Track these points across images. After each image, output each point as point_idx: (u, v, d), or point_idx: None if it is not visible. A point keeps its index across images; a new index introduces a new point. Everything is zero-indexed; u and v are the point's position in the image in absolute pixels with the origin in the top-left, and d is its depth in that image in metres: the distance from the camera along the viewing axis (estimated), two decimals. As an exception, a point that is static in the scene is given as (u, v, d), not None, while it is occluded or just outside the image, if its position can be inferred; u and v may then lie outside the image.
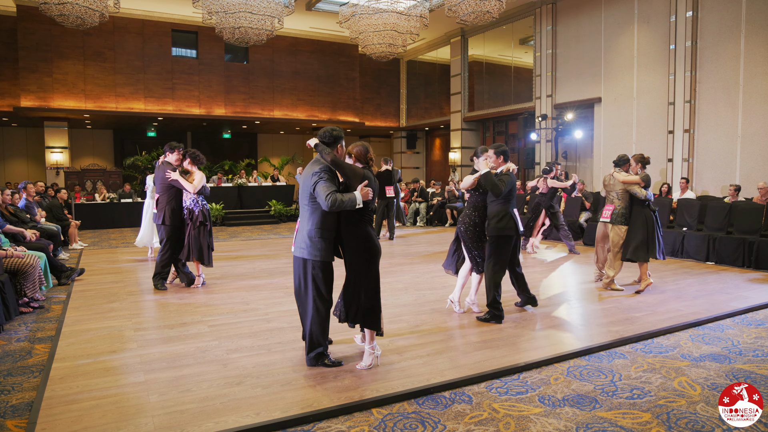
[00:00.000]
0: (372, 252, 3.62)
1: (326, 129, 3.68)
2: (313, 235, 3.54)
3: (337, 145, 3.66)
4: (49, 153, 16.23)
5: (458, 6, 10.46)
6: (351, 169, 3.55)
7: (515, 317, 4.97)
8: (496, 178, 4.77)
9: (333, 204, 3.34)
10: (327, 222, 3.55)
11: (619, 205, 6.09)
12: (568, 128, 13.54)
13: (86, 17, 9.93)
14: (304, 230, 3.59)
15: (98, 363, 3.81)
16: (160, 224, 6.12)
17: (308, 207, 3.57)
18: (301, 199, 3.64)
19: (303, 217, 3.63)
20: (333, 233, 3.60)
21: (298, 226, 3.68)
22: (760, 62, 9.89)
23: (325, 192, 3.37)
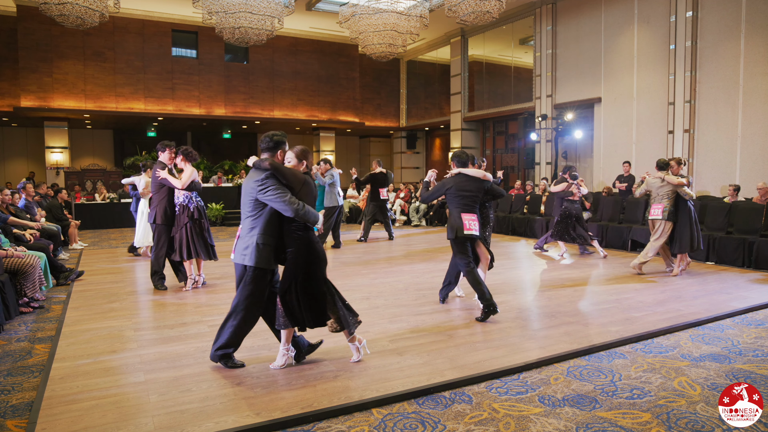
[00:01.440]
0: (317, 258, 3.60)
1: (268, 134, 3.64)
2: (257, 243, 3.50)
3: (278, 150, 3.61)
4: (49, 153, 16.24)
5: (458, 6, 10.46)
6: (291, 173, 3.51)
7: (515, 317, 4.97)
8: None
9: (299, 210, 3.37)
10: (271, 229, 3.53)
11: (668, 204, 6.87)
12: (568, 128, 13.54)
13: (86, 17, 9.94)
14: (246, 237, 3.55)
15: (98, 363, 3.81)
16: (152, 223, 6.12)
17: (251, 214, 3.54)
18: (243, 207, 3.60)
19: (245, 224, 3.59)
20: (276, 240, 3.57)
21: (239, 233, 3.63)
22: (760, 62, 9.89)
23: (283, 197, 3.38)
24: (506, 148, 17.53)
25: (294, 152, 3.65)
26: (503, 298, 5.70)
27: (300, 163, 3.67)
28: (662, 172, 6.91)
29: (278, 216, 3.54)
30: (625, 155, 12.23)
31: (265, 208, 3.51)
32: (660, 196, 6.93)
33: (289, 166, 3.61)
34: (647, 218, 7.24)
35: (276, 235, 3.57)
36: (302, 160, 3.67)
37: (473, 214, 5.02)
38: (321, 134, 20.31)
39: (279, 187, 3.42)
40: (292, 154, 3.65)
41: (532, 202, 11.69)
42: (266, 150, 3.60)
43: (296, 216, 3.41)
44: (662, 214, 6.87)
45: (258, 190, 3.44)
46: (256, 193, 3.45)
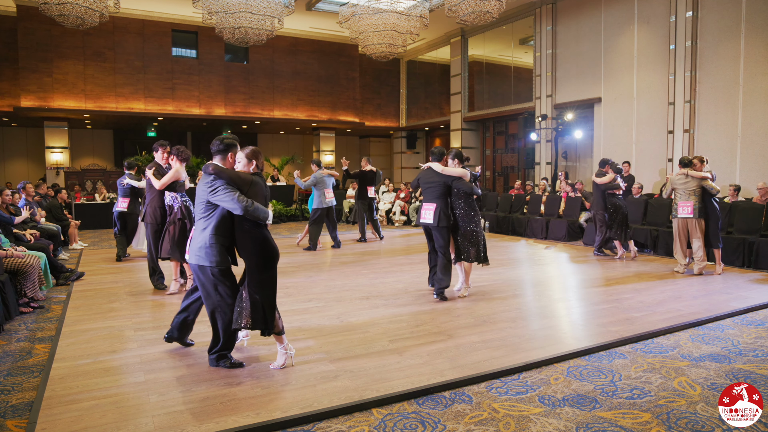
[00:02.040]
0: (270, 255, 3.63)
1: (218, 137, 3.74)
2: (210, 242, 3.58)
3: (229, 152, 3.70)
4: (49, 153, 16.23)
5: (458, 6, 10.46)
6: (236, 175, 3.57)
7: (515, 317, 4.97)
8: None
9: (248, 208, 3.45)
10: (222, 229, 3.61)
11: (696, 201, 6.90)
12: (568, 128, 13.54)
13: (86, 17, 9.93)
14: (199, 237, 3.63)
15: (98, 363, 3.81)
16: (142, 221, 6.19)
17: (203, 215, 3.63)
18: (197, 209, 3.69)
19: (198, 225, 3.68)
20: (228, 240, 3.65)
21: (193, 233, 3.70)
22: (760, 62, 9.89)
23: (233, 196, 3.46)
24: (506, 148, 17.53)
25: (244, 153, 3.73)
26: (503, 298, 5.71)
27: (250, 163, 3.74)
28: (685, 169, 6.96)
29: (230, 216, 3.62)
30: (625, 155, 12.23)
31: (216, 209, 3.60)
32: (686, 194, 6.93)
33: (239, 167, 3.72)
34: (674, 217, 7.09)
35: (228, 235, 3.65)
36: (252, 160, 3.74)
37: (432, 203, 5.61)
38: (321, 134, 20.31)
39: (228, 187, 3.50)
40: (243, 155, 3.73)
41: (532, 202, 11.68)
42: (217, 153, 3.70)
43: (245, 213, 3.48)
44: (694, 212, 6.88)
45: (208, 192, 3.53)
46: (207, 195, 3.54)
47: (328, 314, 5.08)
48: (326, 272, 7.42)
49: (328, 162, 20.22)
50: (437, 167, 5.65)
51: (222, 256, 3.60)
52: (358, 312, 5.17)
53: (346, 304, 5.47)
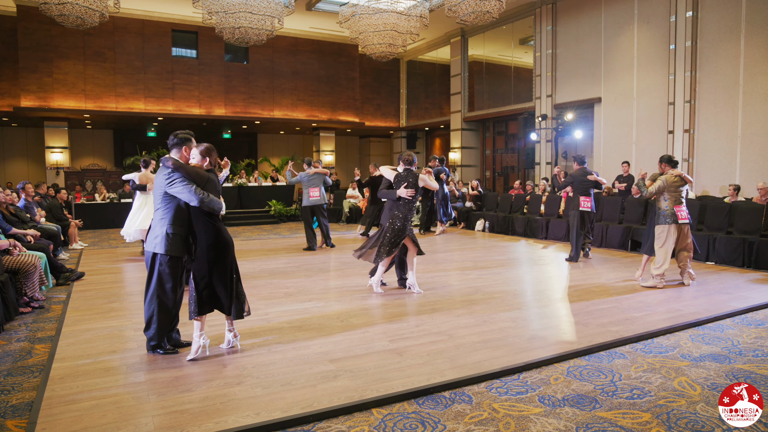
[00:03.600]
0: (224, 244, 3.82)
1: (174, 132, 3.91)
2: (166, 232, 3.77)
3: (183, 146, 3.87)
4: (49, 153, 16.23)
5: (458, 6, 10.46)
6: (194, 171, 3.75)
7: (515, 317, 4.97)
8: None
9: (204, 199, 3.66)
10: (180, 219, 3.81)
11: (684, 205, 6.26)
12: (568, 128, 13.54)
13: (86, 17, 9.93)
14: (157, 227, 3.81)
15: (98, 363, 3.81)
16: None
17: (161, 205, 3.81)
18: (155, 200, 3.87)
19: (156, 215, 3.86)
20: (185, 230, 3.84)
21: (152, 223, 3.90)
22: (760, 62, 9.89)
23: (189, 189, 3.66)
24: (506, 148, 17.53)
25: (198, 150, 3.91)
26: (503, 298, 5.71)
27: (203, 160, 3.91)
28: (674, 170, 6.24)
29: (187, 207, 3.81)
30: (625, 155, 12.23)
31: (173, 200, 3.78)
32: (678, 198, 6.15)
33: (193, 162, 3.89)
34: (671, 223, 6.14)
35: (185, 225, 3.84)
36: (205, 157, 3.93)
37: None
38: (321, 134, 20.31)
39: (184, 179, 3.69)
40: (197, 152, 3.91)
41: (532, 202, 11.68)
42: (173, 147, 3.87)
43: (201, 204, 3.68)
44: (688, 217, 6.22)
45: (166, 184, 3.72)
46: (165, 186, 3.73)
47: (328, 314, 5.08)
48: (326, 272, 7.42)
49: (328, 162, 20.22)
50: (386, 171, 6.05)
51: (176, 245, 3.79)
52: (358, 312, 5.17)
53: (346, 304, 5.47)
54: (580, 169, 8.06)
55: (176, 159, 3.78)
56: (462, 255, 8.89)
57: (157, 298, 3.82)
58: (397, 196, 5.71)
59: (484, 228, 12.35)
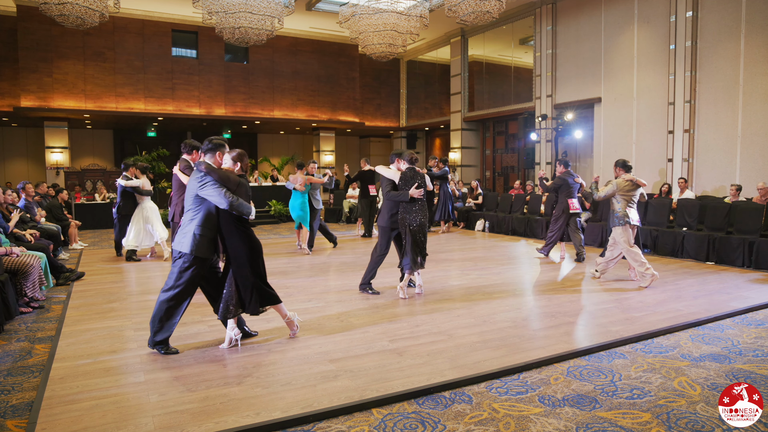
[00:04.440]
0: (254, 246, 4.00)
1: (208, 138, 4.07)
2: (194, 233, 3.88)
3: (217, 151, 4.03)
4: (49, 153, 16.23)
5: (458, 6, 10.46)
6: (225, 175, 3.90)
7: (515, 317, 4.97)
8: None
9: (233, 203, 3.80)
10: (209, 222, 3.93)
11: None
12: (568, 128, 13.54)
13: (86, 17, 9.93)
14: (186, 227, 3.93)
15: (98, 363, 3.81)
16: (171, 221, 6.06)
17: (192, 207, 3.94)
18: (186, 202, 4.00)
19: (186, 216, 3.98)
20: (213, 233, 3.97)
21: (181, 223, 4.00)
22: (760, 62, 9.89)
23: (220, 192, 3.80)
24: (506, 148, 17.52)
25: (230, 155, 4.07)
26: (503, 298, 5.71)
27: (235, 165, 4.07)
28: (629, 175, 6.46)
29: (217, 211, 3.94)
30: (625, 155, 12.22)
31: (204, 203, 3.91)
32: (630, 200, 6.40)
33: (225, 167, 4.04)
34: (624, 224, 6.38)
35: (213, 228, 3.97)
36: (237, 162, 4.08)
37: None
38: (321, 134, 20.31)
39: (216, 183, 3.84)
40: (229, 157, 4.07)
41: (532, 202, 11.68)
42: (207, 152, 4.03)
43: (231, 207, 3.81)
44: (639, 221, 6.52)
45: (198, 187, 3.86)
46: (197, 189, 3.87)
47: (328, 314, 5.08)
48: (326, 272, 7.42)
49: (328, 162, 20.23)
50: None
51: (203, 247, 3.89)
52: (358, 312, 5.17)
53: (346, 304, 5.47)
54: (566, 171, 8.18)
55: (209, 163, 3.93)
56: (462, 255, 8.89)
57: (175, 296, 3.91)
58: (410, 196, 5.57)
59: (484, 228, 12.35)
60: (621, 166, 6.56)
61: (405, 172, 5.71)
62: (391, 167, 5.89)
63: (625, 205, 6.41)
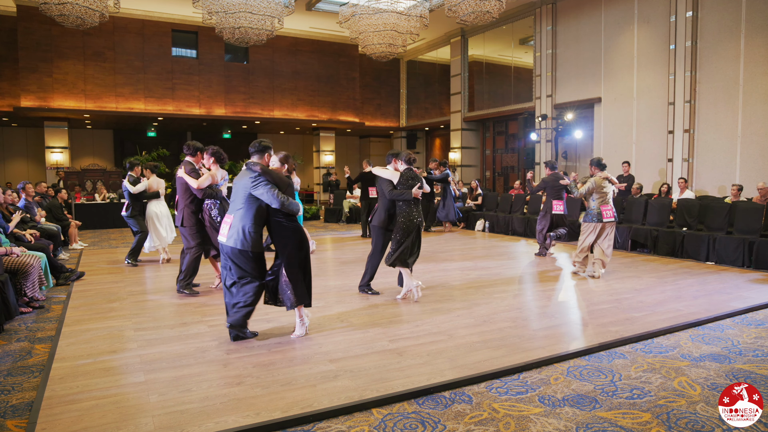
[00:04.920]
0: (303, 240, 4.22)
1: (256, 141, 4.26)
2: (250, 230, 4.09)
3: (265, 153, 4.23)
4: (49, 153, 16.24)
5: (458, 6, 10.46)
6: (278, 176, 4.14)
7: (515, 317, 4.97)
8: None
9: (284, 202, 4.01)
10: (260, 219, 4.15)
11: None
12: (568, 128, 13.54)
13: (86, 17, 9.93)
14: (238, 224, 4.11)
15: (98, 363, 3.81)
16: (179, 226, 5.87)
17: (244, 205, 4.11)
18: (237, 200, 4.17)
19: (237, 214, 4.14)
20: (261, 229, 4.19)
21: (232, 221, 4.15)
22: (760, 62, 9.89)
23: (272, 192, 4.01)
24: (506, 148, 17.53)
25: (278, 157, 4.30)
26: (503, 298, 5.71)
27: (282, 167, 4.30)
28: (604, 173, 6.81)
29: (267, 209, 4.13)
30: (625, 155, 12.23)
31: (256, 202, 4.08)
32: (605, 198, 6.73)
33: (272, 167, 4.26)
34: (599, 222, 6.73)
35: (262, 225, 4.17)
36: (284, 164, 4.34)
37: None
38: (321, 134, 20.32)
39: (269, 183, 4.03)
40: (276, 159, 4.30)
41: (532, 202, 11.68)
42: (255, 153, 4.20)
43: (282, 207, 4.01)
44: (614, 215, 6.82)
45: (251, 186, 4.03)
46: (250, 188, 4.04)
47: (328, 314, 5.08)
48: (326, 273, 7.42)
49: (328, 162, 20.23)
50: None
51: (258, 242, 4.15)
52: (358, 312, 5.17)
53: (346, 304, 5.47)
54: (553, 174, 8.37)
55: (263, 165, 4.14)
56: (462, 255, 8.89)
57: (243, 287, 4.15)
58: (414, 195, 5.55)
59: (484, 228, 12.35)
60: (596, 165, 6.86)
61: (404, 172, 5.69)
62: (388, 168, 5.85)
63: (600, 203, 6.74)
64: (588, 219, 6.83)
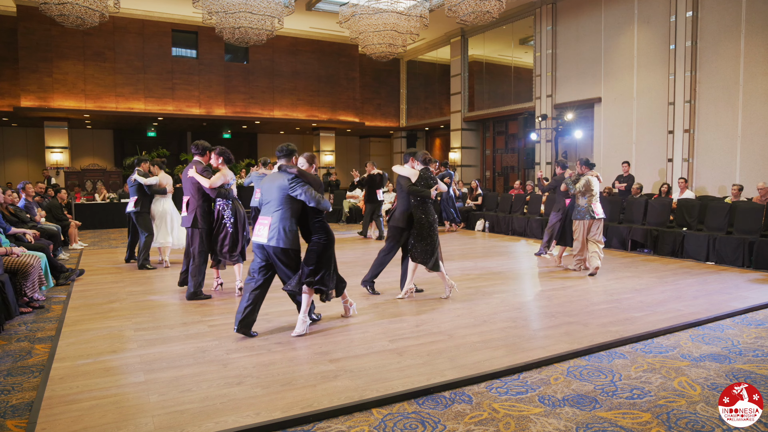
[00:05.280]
0: (332, 237, 4.53)
1: (284, 144, 4.54)
2: (288, 229, 4.35)
3: (292, 157, 4.53)
4: (49, 153, 16.23)
5: (458, 6, 10.46)
6: (311, 177, 4.45)
7: (515, 317, 4.97)
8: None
9: (319, 201, 4.31)
10: (296, 218, 4.44)
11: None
12: (568, 128, 13.54)
13: (86, 17, 9.93)
14: (278, 225, 4.36)
15: (98, 363, 3.81)
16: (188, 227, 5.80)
17: (282, 206, 4.38)
18: (272, 202, 4.41)
19: (276, 216, 4.39)
20: (297, 227, 4.47)
21: (270, 222, 4.38)
22: (760, 62, 9.89)
23: (309, 192, 4.30)
24: (506, 148, 17.52)
25: (305, 158, 4.57)
26: (503, 298, 5.71)
27: (311, 166, 4.58)
28: (594, 171, 7.25)
29: (301, 208, 4.45)
30: (625, 155, 12.23)
31: (293, 202, 4.39)
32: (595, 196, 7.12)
33: (302, 168, 4.53)
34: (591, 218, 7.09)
35: (298, 224, 4.48)
36: (311, 164, 4.62)
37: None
38: (321, 134, 20.31)
39: (305, 184, 4.34)
40: (304, 160, 4.58)
41: (532, 202, 11.68)
42: (283, 157, 4.50)
43: (317, 205, 4.33)
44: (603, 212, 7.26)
45: (289, 188, 4.35)
46: (287, 190, 4.35)
47: (329, 314, 5.08)
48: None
49: (328, 162, 20.22)
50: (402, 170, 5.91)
51: (297, 240, 4.44)
52: (358, 312, 5.16)
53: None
54: (564, 173, 8.31)
55: (299, 168, 4.45)
56: (462, 255, 8.89)
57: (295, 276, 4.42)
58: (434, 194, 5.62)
59: (484, 228, 12.35)
60: (585, 164, 7.25)
61: (422, 172, 5.74)
62: (405, 166, 5.90)
63: (591, 200, 7.08)
64: (579, 216, 7.18)
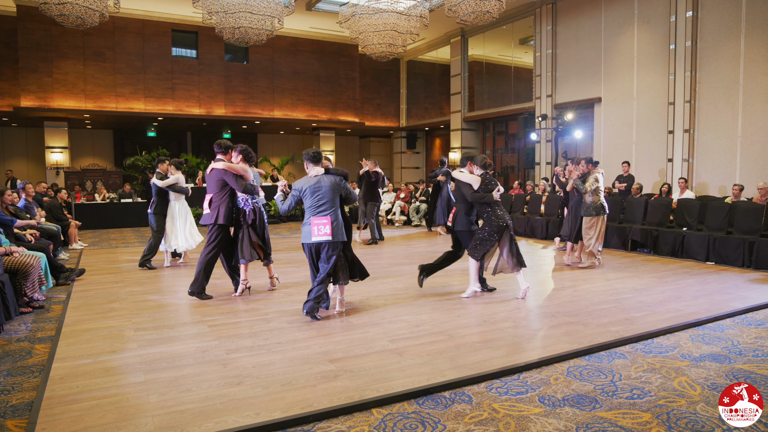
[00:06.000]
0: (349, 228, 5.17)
1: (311, 149, 5.08)
2: (341, 223, 4.97)
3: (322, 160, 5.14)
4: (49, 153, 16.23)
5: (458, 6, 10.46)
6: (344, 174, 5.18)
7: (515, 317, 4.97)
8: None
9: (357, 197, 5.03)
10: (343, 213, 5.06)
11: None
12: (568, 128, 13.54)
13: (86, 17, 9.93)
14: (338, 221, 4.92)
15: (98, 363, 3.81)
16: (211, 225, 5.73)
17: (336, 204, 4.96)
18: (328, 201, 4.91)
19: (334, 213, 4.91)
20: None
21: (330, 220, 4.85)
22: (760, 62, 9.89)
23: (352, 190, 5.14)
24: (506, 148, 17.53)
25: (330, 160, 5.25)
26: (503, 298, 5.71)
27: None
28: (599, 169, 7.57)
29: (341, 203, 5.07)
30: (625, 155, 12.23)
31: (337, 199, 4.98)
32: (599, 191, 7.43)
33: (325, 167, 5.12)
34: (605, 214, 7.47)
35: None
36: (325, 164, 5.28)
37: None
38: (321, 134, 20.31)
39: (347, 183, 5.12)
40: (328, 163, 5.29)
41: (532, 202, 11.68)
42: (310, 161, 5.02)
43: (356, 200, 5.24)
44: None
45: (343, 187, 5.03)
46: (341, 189, 4.99)
47: (328, 314, 5.08)
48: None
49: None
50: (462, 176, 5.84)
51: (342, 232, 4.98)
52: (358, 312, 5.17)
53: (346, 304, 5.47)
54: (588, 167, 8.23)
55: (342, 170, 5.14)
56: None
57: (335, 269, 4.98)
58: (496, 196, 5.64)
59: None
60: (590, 162, 7.60)
61: (483, 176, 5.71)
62: (463, 171, 5.84)
63: (598, 197, 7.38)
64: (588, 213, 7.42)
